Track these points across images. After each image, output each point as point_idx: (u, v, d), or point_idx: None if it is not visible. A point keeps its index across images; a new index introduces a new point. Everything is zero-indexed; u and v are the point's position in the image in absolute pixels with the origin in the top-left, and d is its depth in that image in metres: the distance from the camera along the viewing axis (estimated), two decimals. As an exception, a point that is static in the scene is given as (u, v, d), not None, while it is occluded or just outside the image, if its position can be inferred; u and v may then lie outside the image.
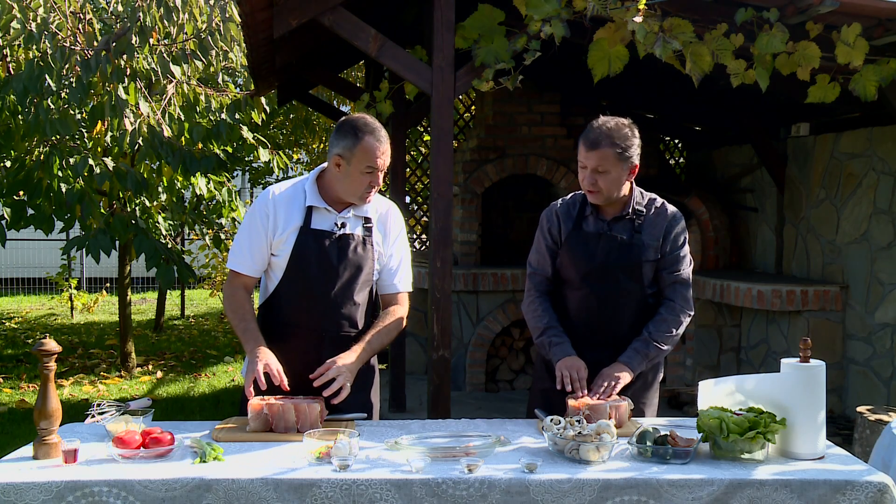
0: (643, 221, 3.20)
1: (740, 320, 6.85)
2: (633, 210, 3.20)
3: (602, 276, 3.18)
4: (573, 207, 3.29)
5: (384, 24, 5.37)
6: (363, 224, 3.12)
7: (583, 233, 3.22)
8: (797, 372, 2.62)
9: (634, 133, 3.14)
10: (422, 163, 9.28)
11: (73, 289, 12.52)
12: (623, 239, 3.18)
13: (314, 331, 3.08)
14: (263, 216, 3.06)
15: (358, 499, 2.33)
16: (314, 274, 3.04)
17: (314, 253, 3.03)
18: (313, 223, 3.05)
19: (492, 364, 7.35)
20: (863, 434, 4.47)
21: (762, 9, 4.05)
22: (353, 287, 3.09)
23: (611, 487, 2.37)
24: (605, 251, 3.18)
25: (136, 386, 7.93)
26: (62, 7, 6.14)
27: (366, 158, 2.97)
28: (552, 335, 3.19)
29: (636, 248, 3.17)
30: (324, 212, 3.07)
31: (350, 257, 3.07)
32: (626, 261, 3.17)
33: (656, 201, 3.26)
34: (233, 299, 3.09)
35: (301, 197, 3.07)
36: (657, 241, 3.19)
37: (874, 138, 5.83)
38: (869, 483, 2.38)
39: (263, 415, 2.77)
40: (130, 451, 2.48)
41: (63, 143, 6.51)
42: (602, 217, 3.23)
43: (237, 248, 3.12)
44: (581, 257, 3.20)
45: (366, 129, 2.98)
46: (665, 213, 3.24)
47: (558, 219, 3.28)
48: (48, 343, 2.49)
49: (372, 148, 2.97)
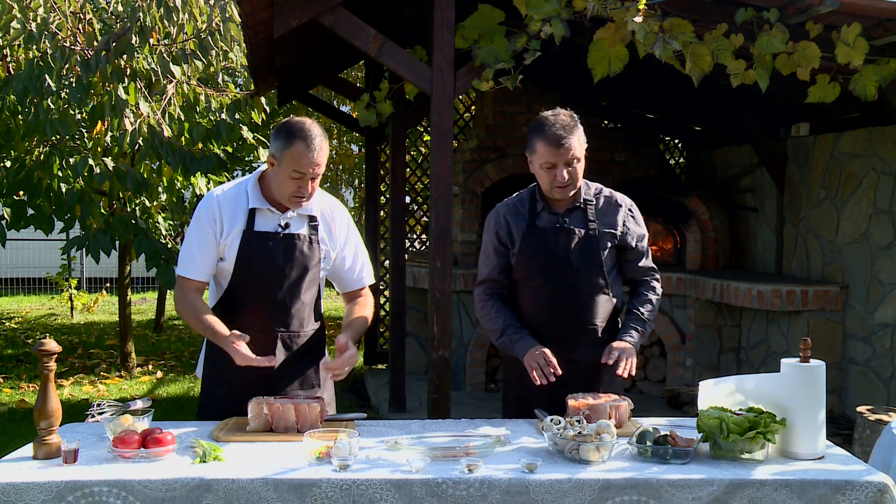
0: (595, 211, 3.24)
1: (740, 320, 6.85)
2: (584, 200, 3.24)
3: (564, 270, 3.19)
4: (521, 206, 3.30)
5: (384, 24, 5.37)
6: (308, 223, 3.10)
7: (538, 230, 3.23)
8: (797, 372, 2.62)
9: (576, 117, 3.20)
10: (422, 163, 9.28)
11: (73, 289, 12.52)
12: (581, 231, 3.21)
13: (265, 332, 3.07)
14: (210, 219, 3.02)
15: (358, 499, 2.33)
16: (261, 276, 3.04)
17: (259, 255, 3.02)
18: (257, 225, 3.03)
19: (492, 364, 7.34)
20: (863, 434, 4.47)
21: (762, 9, 4.05)
22: (301, 286, 3.09)
23: (611, 487, 2.37)
24: (565, 245, 3.20)
25: (136, 386, 7.94)
26: (62, 7, 6.14)
27: (293, 163, 2.92)
28: (511, 333, 3.20)
29: (594, 239, 3.21)
30: (267, 213, 3.05)
31: (296, 257, 3.06)
32: (587, 252, 3.20)
33: (603, 190, 3.31)
34: (185, 302, 3.06)
35: (244, 199, 3.04)
36: (613, 228, 3.24)
37: (874, 138, 5.83)
38: (869, 483, 2.38)
39: (263, 415, 2.77)
40: (130, 451, 2.48)
41: (63, 143, 6.51)
42: (555, 211, 3.24)
43: (186, 254, 3.07)
44: (541, 254, 3.21)
45: (299, 135, 2.93)
46: (614, 201, 3.28)
47: (507, 220, 3.28)
48: (48, 343, 2.48)
49: (299, 154, 2.91)
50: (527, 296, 3.27)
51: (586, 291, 3.21)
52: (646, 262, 3.33)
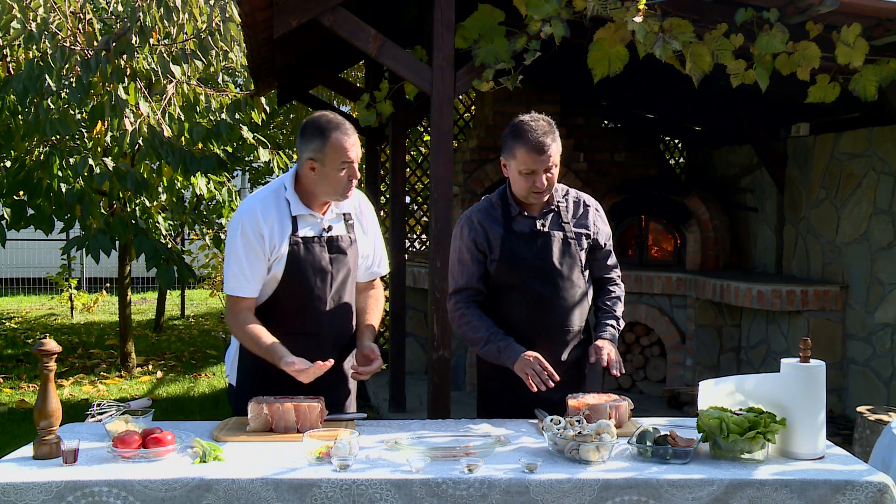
0: (568, 213, 3.26)
1: (740, 320, 6.85)
2: (557, 203, 3.26)
3: (548, 273, 3.19)
4: (494, 211, 3.26)
5: (384, 24, 5.37)
6: (345, 221, 3.13)
7: (517, 234, 3.21)
8: (797, 372, 2.62)
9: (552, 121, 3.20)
10: (422, 163, 9.28)
11: (73, 289, 12.52)
12: (558, 233, 3.22)
13: (315, 335, 3.07)
14: (258, 236, 2.97)
15: (358, 499, 2.33)
16: (310, 281, 3.04)
17: (307, 261, 3.02)
18: (301, 231, 3.03)
19: (492, 364, 7.34)
20: (863, 434, 4.47)
21: (762, 9, 4.05)
22: (346, 287, 3.13)
23: (611, 487, 2.37)
24: (545, 249, 3.20)
25: (136, 386, 7.94)
26: (62, 7, 6.14)
27: (338, 155, 2.94)
28: (497, 340, 3.14)
29: (572, 241, 3.23)
30: (309, 218, 3.05)
31: (341, 258, 3.09)
32: (567, 254, 3.22)
33: (570, 191, 3.33)
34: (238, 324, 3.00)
35: (285, 207, 3.02)
36: (586, 228, 3.27)
37: (874, 138, 5.83)
38: (869, 483, 2.38)
39: (263, 415, 2.77)
40: (130, 451, 2.48)
41: (63, 143, 6.52)
42: (530, 215, 3.24)
43: (236, 272, 2.99)
44: (522, 259, 3.19)
45: (330, 127, 2.95)
46: (583, 201, 3.31)
47: (483, 226, 3.23)
48: (48, 343, 2.49)
49: (341, 143, 2.94)
50: (509, 301, 3.23)
51: (569, 293, 3.22)
52: (611, 259, 3.37)
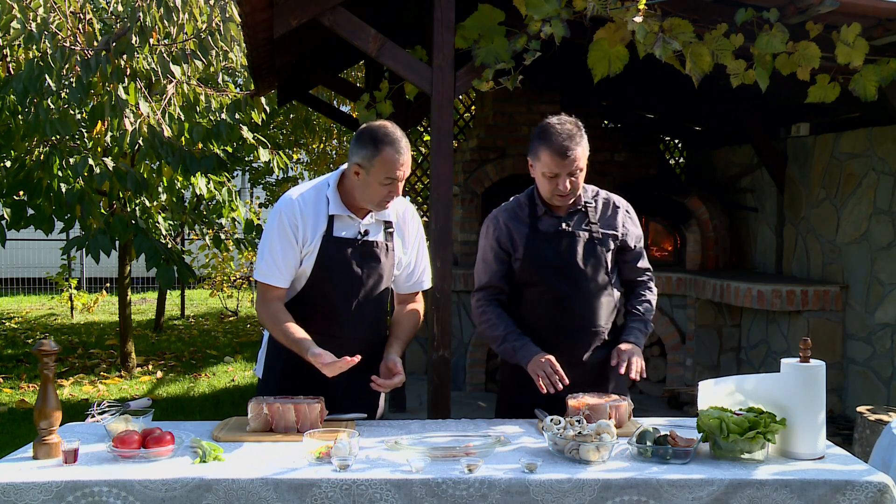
0: (596, 213, 3.24)
1: (740, 320, 6.85)
2: (584, 203, 3.23)
3: (571, 273, 3.18)
4: (520, 210, 3.27)
5: (384, 24, 5.37)
6: (385, 229, 3.10)
7: (541, 234, 3.21)
8: (797, 372, 2.62)
9: (580, 124, 3.17)
10: (422, 163, 9.28)
11: (73, 289, 12.52)
12: (583, 234, 3.20)
13: (338, 338, 3.06)
14: (293, 226, 2.99)
15: (358, 499, 2.33)
16: (338, 283, 3.03)
17: (338, 262, 3.02)
18: (336, 231, 3.02)
19: (492, 364, 7.34)
20: (863, 434, 4.47)
21: (762, 9, 4.05)
22: (376, 294, 3.10)
23: (611, 487, 2.37)
24: (569, 249, 3.19)
25: (136, 386, 7.94)
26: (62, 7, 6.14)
27: (385, 170, 2.91)
28: (513, 340, 3.17)
29: (598, 242, 3.20)
30: (346, 219, 3.03)
31: (373, 265, 3.06)
32: (592, 255, 3.20)
33: (600, 192, 3.31)
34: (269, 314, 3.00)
35: (324, 205, 3.02)
36: (614, 230, 3.24)
37: (874, 138, 5.83)
38: (869, 483, 2.38)
39: (263, 415, 2.77)
40: (130, 451, 2.48)
41: (63, 143, 6.51)
42: (556, 214, 3.23)
43: (269, 261, 3.00)
44: (546, 258, 3.19)
45: (385, 140, 2.91)
46: (613, 203, 3.29)
47: (507, 226, 3.25)
48: (48, 343, 2.49)
49: (391, 160, 2.90)
50: (531, 300, 3.24)
51: (592, 294, 3.20)
52: (642, 262, 3.35)
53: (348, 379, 3.01)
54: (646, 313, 3.29)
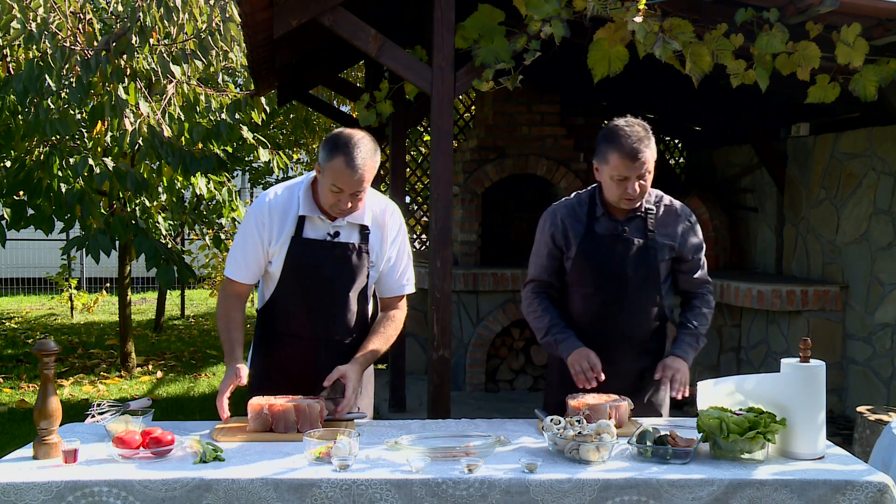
0: (655, 220, 3.17)
1: (740, 320, 6.85)
2: (645, 209, 3.16)
3: (618, 280, 3.13)
4: (580, 209, 3.21)
5: (384, 24, 5.37)
6: (360, 231, 3.04)
7: (596, 236, 3.15)
8: (797, 372, 2.62)
9: (648, 126, 3.11)
10: (422, 163, 9.28)
11: (73, 289, 12.52)
12: (639, 241, 3.13)
13: (309, 339, 3.07)
14: (259, 224, 3.00)
15: (358, 499, 2.33)
16: (307, 284, 3.02)
17: (306, 263, 3.00)
18: (305, 232, 2.99)
19: (492, 364, 7.35)
20: (863, 434, 4.47)
21: (762, 9, 4.05)
22: (347, 295, 3.06)
23: (611, 487, 2.37)
24: (622, 255, 3.13)
25: (136, 386, 7.94)
26: (62, 7, 6.13)
27: (332, 177, 2.86)
28: (556, 332, 3.16)
29: (652, 250, 3.14)
30: (317, 220, 3.00)
31: (343, 266, 3.02)
32: (643, 263, 3.14)
33: (663, 198, 3.23)
34: (224, 307, 3.08)
35: (295, 205, 3.00)
36: (672, 240, 3.17)
37: (874, 138, 5.82)
38: (869, 483, 2.38)
39: (264, 415, 2.77)
40: (130, 451, 2.48)
41: (63, 143, 6.51)
42: (614, 218, 3.16)
43: (233, 256, 3.08)
44: (596, 262, 3.14)
45: (342, 149, 2.84)
46: (675, 210, 3.21)
47: (564, 223, 3.20)
48: (48, 343, 2.49)
49: (339, 169, 2.84)
50: (578, 301, 3.22)
51: (639, 302, 3.15)
52: (700, 273, 3.25)
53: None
54: (699, 327, 3.21)
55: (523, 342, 7.41)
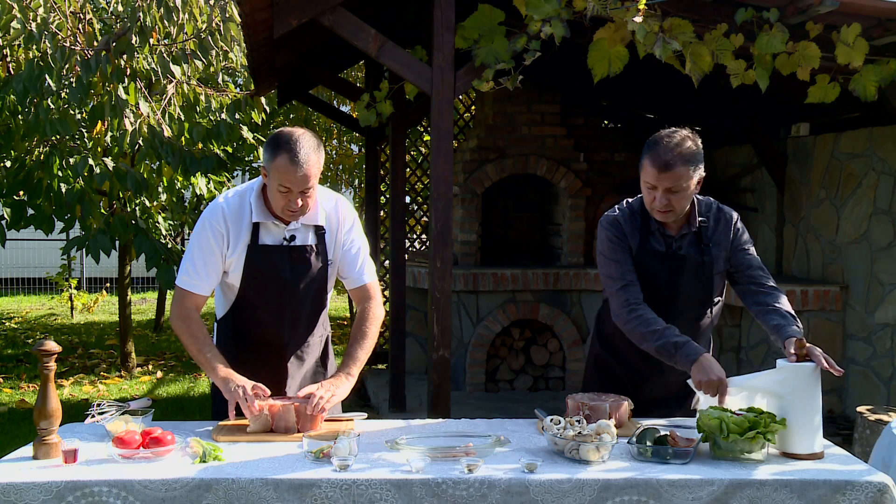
0: (709, 232, 3.08)
1: (740, 320, 6.85)
2: (699, 224, 3.07)
3: (670, 296, 3.07)
4: (634, 220, 3.09)
5: (384, 24, 5.37)
6: (314, 231, 3.00)
7: (650, 251, 3.06)
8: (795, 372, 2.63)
9: (699, 144, 3.00)
10: (422, 163, 9.28)
11: (73, 289, 12.52)
12: (694, 257, 3.05)
13: (274, 345, 3.06)
14: (217, 234, 2.92)
15: (358, 499, 2.33)
16: (268, 290, 2.98)
17: (266, 269, 2.95)
18: (261, 239, 2.95)
19: (492, 364, 7.35)
20: (863, 434, 4.47)
21: (762, 9, 4.05)
22: (308, 297, 3.04)
23: (611, 487, 2.37)
24: (676, 272, 3.05)
25: (136, 386, 7.94)
26: (62, 7, 6.13)
27: (278, 177, 2.80)
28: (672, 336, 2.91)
29: (708, 265, 3.06)
30: (271, 226, 2.96)
31: (302, 269, 2.98)
32: (697, 281, 3.06)
33: (713, 205, 3.14)
34: (188, 324, 2.93)
35: (248, 212, 2.94)
36: (726, 250, 3.09)
37: (874, 138, 5.83)
38: (869, 483, 2.38)
39: (263, 415, 2.77)
40: (130, 451, 2.48)
41: (63, 143, 6.51)
42: (668, 234, 3.07)
43: (189, 267, 2.95)
44: (649, 277, 3.05)
45: (284, 147, 2.79)
46: (724, 217, 3.11)
47: (624, 229, 3.07)
48: (48, 343, 2.48)
49: (284, 168, 2.78)
50: None
51: (688, 318, 3.07)
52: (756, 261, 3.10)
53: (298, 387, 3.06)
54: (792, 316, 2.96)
55: (523, 342, 7.42)
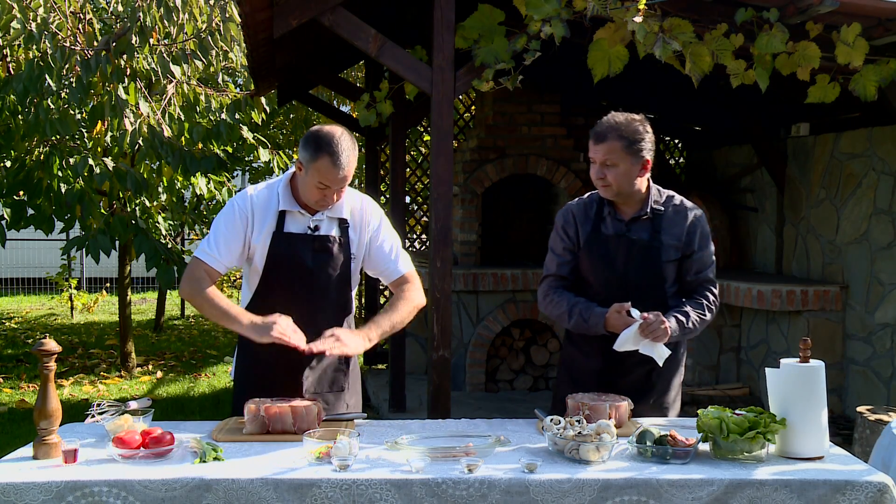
0: (663, 220, 3.14)
1: (740, 320, 6.85)
2: (651, 209, 3.14)
3: (622, 281, 3.12)
4: (590, 207, 3.21)
5: (384, 24, 5.37)
6: (339, 225, 3.10)
7: (601, 235, 3.15)
8: (797, 372, 2.63)
9: (646, 128, 3.09)
10: (422, 163, 9.28)
11: (73, 289, 12.53)
12: (643, 241, 3.12)
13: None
14: (243, 217, 3.03)
15: (358, 499, 2.33)
16: (290, 278, 3.05)
17: (289, 257, 3.03)
18: (286, 227, 3.04)
19: (492, 364, 7.35)
20: (863, 434, 4.47)
21: (762, 9, 4.05)
22: (331, 287, 3.10)
23: (611, 487, 2.37)
24: (625, 255, 3.12)
25: (136, 386, 7.94)
26: (62, 7, 6.14)
27: (318, 176, 2.93)
28: (578, 311, 3.08)
29: (655, 250, 3.12)
30: (297, 215, 3.05)
31: (324, 258, 3.06)
32: (647, 263, 3.11)
33: (674, 198, 3.21)
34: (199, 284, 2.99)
35: (275, 200, 3.05)
36: (678, 240, 3.14)
37: (874, 138, 5.83)
38: (869, 483, 2.38)
39: (260, 417, 2.76)
40: (130, 451, 2.48)
41: (63, 143, 6.52)
42: (620, 217, 3.15)
43: (210, 241, 3.04)
44: (600, 262, 3.14)
45: (326, 149, 2.90)
46: (685, 211, 3.18)
47: (574, 219, 3.20)
48: (48, 343, 2.48)
49: (325, 169, 2.91)
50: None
51: (643, 303, 3.08)
52: (706, 273, 3.19)
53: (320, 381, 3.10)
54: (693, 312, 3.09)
55: (523, 342, 7.41)
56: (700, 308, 3.14)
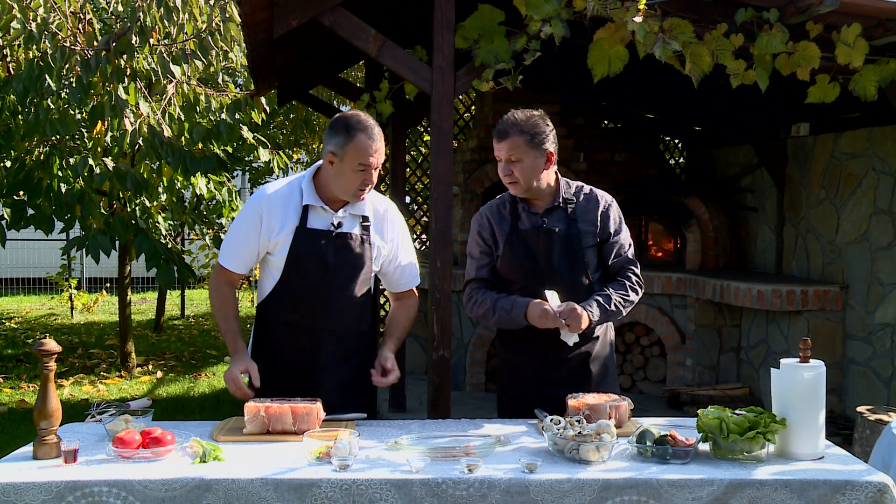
0: (577, 209, 3.24)
1: (740, 320, 6.85)
2: (563, 199, 3.24)
3: (547, 272, 3.19)
4: (503, 207, 3.31)
5: (384, 24, 5.37)
6: (361, 223, 3.13)
7: (519, 231, 3.24)
8: (797, 372, 2.62)
9: (546, 122, 3.23)
10: (422, 163, 9.28)
11: (73, 289, 12.52)
12: (560, 230, 3.20)
13: (312, 330, 3.09)
14: (255, 217, 3.06)
15: (358, 499, 2.34)
16: (311, 273, 3.06)
17: (310, 252, 3.04)
18: (309, 223, 3.06)
19: (492, 364, 7.34)
20: (863, 434, 4.47)
21: (762, 9, 4.05)
22: (351, 286, 3.10)
23: (611, 487, 2.37)
24: (546, 246, 3.20)
25: (136, 386, 7.94)
26: (62, 7, 6.13)
27: (358, 156, 2.97)
28: (502, 303, 3.16)
29: (574, 238, 3.20)
30: (320, 211, 3.07)
31: (347, 256, 3.08)
32: (569, 251, 3.20)
33: (584, 188, 3.32)
34: (220, 295, 3.15)
35: (297, 196, 3.08)
36: (594, 226, 3.24)
37: (874, 138, 5.83)
38: (869, 483, 2.38)
39: (260, 417, 2.76)
40: (130, 451, 2.48)
41: (63, 143, 6.51)
42: (534, 211, 3.25)
43: (227, 244, 3.15)
44: (522, 256, 3.21)
45: (358, 127, 2.98)
46: (595, 198, 3.29)
47: (489, 222, 3.30)
48: (48, 343, 2.49)
49: (364, 146, 2.97)
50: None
51: (570, 291, 3.18)
52: (625, 255, 3.29)
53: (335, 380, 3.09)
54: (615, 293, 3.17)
55: (523, 342, 7.41)
56: (622, 289, 3.22)
